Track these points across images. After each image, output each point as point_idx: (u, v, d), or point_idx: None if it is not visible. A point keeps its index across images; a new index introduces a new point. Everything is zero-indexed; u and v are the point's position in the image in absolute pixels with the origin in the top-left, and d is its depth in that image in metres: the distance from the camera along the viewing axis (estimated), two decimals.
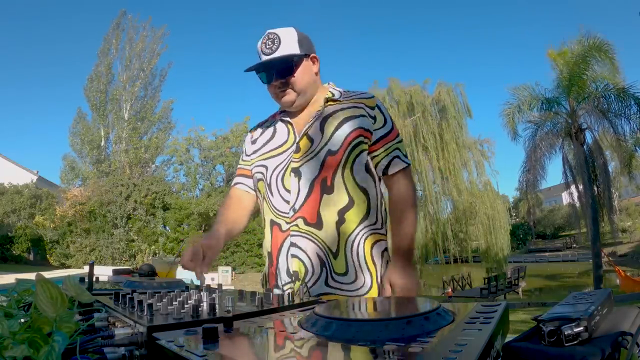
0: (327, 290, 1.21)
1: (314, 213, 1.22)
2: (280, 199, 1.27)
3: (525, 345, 0.70)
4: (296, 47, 1.27)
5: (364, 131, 1.25)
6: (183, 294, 0.84)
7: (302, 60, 1.29)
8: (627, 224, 32.74)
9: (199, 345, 0.50)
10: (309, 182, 1.23)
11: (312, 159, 1.24)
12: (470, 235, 18.80)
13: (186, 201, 22.14)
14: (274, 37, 1.26)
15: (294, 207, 1.24)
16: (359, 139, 1.24)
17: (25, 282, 0.80)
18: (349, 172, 1.23)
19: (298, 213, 1.23)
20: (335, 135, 1.24)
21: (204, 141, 23.57)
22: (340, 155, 1.22)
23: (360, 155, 1.25)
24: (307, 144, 1.26)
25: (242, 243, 21.43)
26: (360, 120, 1.26)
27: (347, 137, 1.24)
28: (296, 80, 1.28)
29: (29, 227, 20.79)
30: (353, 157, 1.24)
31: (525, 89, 14.49)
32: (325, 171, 1.22)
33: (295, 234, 1.23)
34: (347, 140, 1.24)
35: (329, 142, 1.24)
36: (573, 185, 15.20)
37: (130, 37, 26.35)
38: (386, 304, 0.75)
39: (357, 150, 1.24)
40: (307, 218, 1.22)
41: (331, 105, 1.31)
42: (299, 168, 1.25)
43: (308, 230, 1.22)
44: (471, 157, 18.19)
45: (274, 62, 1.26)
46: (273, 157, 1.32)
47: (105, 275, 1.71)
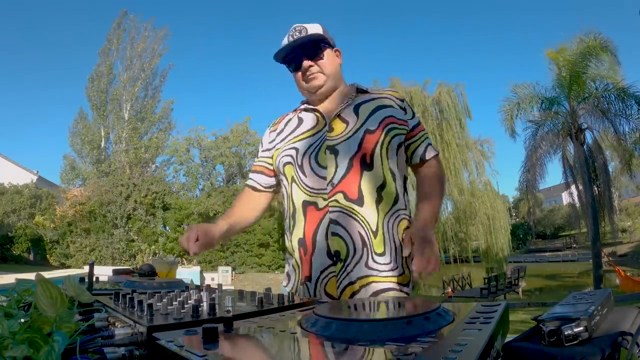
0: (367, 273, 1.18)
1: (355, 188, 1.19)
2: (315, 177, 1.23)
3: (525, 345, 0.70)
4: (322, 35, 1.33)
5: (397, 119, 1.30)
6: (183, 294, 0.84)
7: (329, 47, 1.34)
8: (627, 224, 32.76)
9: (199, 345, 0.50)
10: (348, 158, 1.21)
11: (349, 137, 1.24)
12: (470, 235, 18.81)
13: (186, 201, 22.14)
14: (300, 28, 1.31)
15: (332, 182, 1.21)
16: (393, 125, 1.28)
17: (25, 282, 0.80)
18: (386, 151, 1.25)
19: (337, 187, 1.20)
20: (371, 117, 1.27)
21: (204, 141, 23.59)
22: (379, 134, 1.24)
23: (394, 138, 1.28)
24: (342, 125, 1.27)
25: (242, 243, 21.43)
26: (392, 110, 1.31)
27: (383, 119, 1.27)
28: (325, 63, 1.32)
29: (29, 227, 20.79)
30: (390, 138, 1.26)
31: (526, 87, 14.51)
32: (364, 149, 1.22)
33: (335, 209, 1.19)
34: (384, 122, 1.27)
35: (366, 122, 1.26)
36: (573, 185, 15.20)
37: (131, 37, 26.38)
38: (386, 304, 0.75)
39: (393, 132, 1.27)
40: (348, 193, 1.19)
41: (361, 96, 1.35)
42: (335, 146, 1.23)
43: (349, 207, 1.19)
44: (471, 157, 18.19)
45: (303, 44, 1.29)
46: (303, 139, 1.30)
47: (105, 275, 1.71)
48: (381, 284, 1.18)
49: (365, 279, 1.17)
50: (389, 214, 1.22)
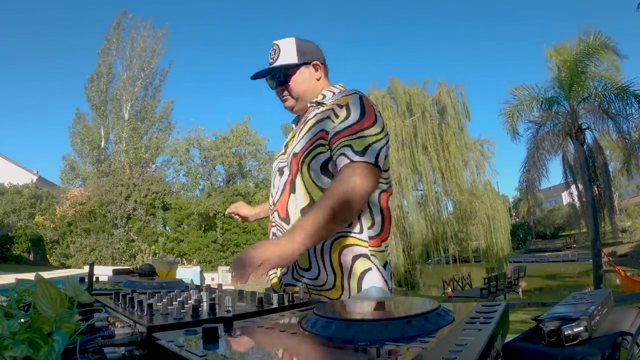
0: (293, 282, 1.29)
1: (284, 209, 1.32)
2: (270, 194, 1.43)
3: (525, 345, 0.70)
4: (294, 56, 1.38)
5: (325, 133, 1.25)
6: (183, 294, 0.84)
7: (299, 68, 1.39)
8: (627, 224, 32.76)
9: (199, 345, 0.50)
10: (284, 181, 1.35)
11: (287, 160, 1.35)
12: (470, 235, 18.81)
13: (186, 201, 22.12)
14: (275, 47, 1.40)
15: (274, 201, 1.38)
16: (318, 141, 1.26)
17: (25, 282, 0.80)
18: (307, 173, 1.26)
19: (275, 206, 1.36)
20: (302, 139, 1.31)
21: (204, 141, 23.55)
22: (299, 157, 1.28)
23: (318, 156, 1.25)
24: (289, 146, 1.38)
25: (242, 243, 21.42)
26: (326, 122, 1.27)
27: (310, 139, 1.27)
28: (292, 87, 1.40)
29: (29, 227, 20.77)
30: (310, 159, 1.26)
31: (525, 89, 14.51)
32: (292, 172, 1.31)
33: (274, 224, 1.37)
34: (309, 143, 1.27)
35: (296, 145, 1.32)
36: (573, 185, 15.20)
37: (131, 37, 26.35)
38: (386, 304, 0.75)
39: (314, 152, 1.26)
40: (280, 212, 1.34)
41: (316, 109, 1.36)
42: (282, 168, 1.38)
43: (280, 224, 1.33)
44: (471, 157, 18.20)
45: (273, 71, 1.40)
46: (276, 158, 1.47)
47: (105, 275, 1.71)
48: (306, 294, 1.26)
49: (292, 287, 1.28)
50: None
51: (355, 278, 1.21)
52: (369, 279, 1.21)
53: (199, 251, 20.96)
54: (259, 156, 23.91)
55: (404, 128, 16.91)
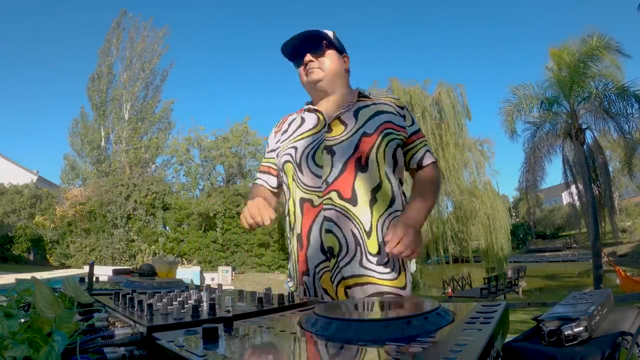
0: (361, 272, 1.19)
1: (349, 188, 1.21)
2: (311, 175, 1.26)
3: (525, 345, 0.70)
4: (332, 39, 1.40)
5: (396, 125, 1.33)
6: (183, 294, 0.84)
7: (335, 49, 1.40)
8: (627, 224, 32.74)
9: (199, 345, 0.50)
10: (344, 159, 1.24)
11: (347, 139, 1.27)
12: (470, 235, 18.80)
13: (186, 201, 22.11)
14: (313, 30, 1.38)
15: (326, 180, 1.23)
16: (390, 130, 1.31)
17: (25, 282, 0.80)
18: (382, 155, 1.27)
19: (332, 186, 1.22)
20: (370, 121, 1.30)
21: (204, 141, 23.53)
22: (375, 137, 1.27)
23: (391, 143, 1.30)
24: (341, 127, 1.30)
25: (242, 243, 21.42)
26: (391, 116, 1.34)
27: (381, 124, 1.30)
28: (325, 60, 1.37)
29: (29, 227, 20.76)
30: (387, 142, 1.28)
31: (525, 88, 14.49)
32: (360, 151, 1.25)
33: (329, 207, 1.21)
34: (382, 127, 1.30)
35: (364, 126, 1.29)
36: (573, 185, 15.19)
37: (131, 37, 26.31)
38: (386, 304, 0.75)
39: (389, 137, 1.29)
40: (342, 192, 1.21)
41: (363, 101, 1.38)
42: (332, 146, 1.27)
43: (342, 205, 1.21)
44: (471, 157, 18.20)
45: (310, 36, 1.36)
46: (303, 138, 1.33)
47: (105, 275, 1.71)
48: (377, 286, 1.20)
49: (360, 277, 1.19)
50: (384, 215, 1.23)
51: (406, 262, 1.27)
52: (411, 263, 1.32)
53: (199, 251, 20.95)
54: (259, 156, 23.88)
55: None
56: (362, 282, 1.19)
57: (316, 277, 1.23)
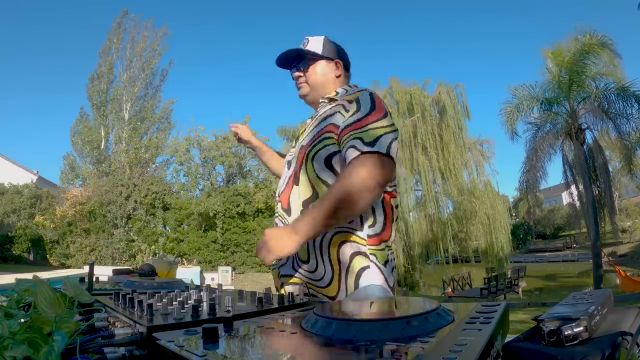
0: (293, 273, 1.29)
1: (286, 200, 1.34)
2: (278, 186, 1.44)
3: (525, 345, 0.70)
4: (319, 49, 1.43)
5: (334, 127, 1.26)
6: (183, 294, 0.84)
7: (321, 60, 1.44)
8: (627, 224, 32.73)
9: (199, 345, 0.50)
10: (289, 173, 1.36)
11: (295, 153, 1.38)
12: (470, 235, 18.80)
13: (186, 201, 22.11)
14: (305, 40, 1.46)
15: (279, 192, 1.39)
16: (325, 134, 1.27)
17: (25, 282, 0.80)
18: (310, 166, 1.27)
19: (279, 198, 1.38)
20: (311, 132, 1.34)
21: (204, 141, 23.53)
22: (305, 149, 1.30)
23: (323, 149, 1.25)
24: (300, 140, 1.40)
25: (242, 243, 21.44)
26: (336, 116, 1.28)
27: (318, 132, 1.30)
28: (309, 75, 1.44)
29: (29, 227, 20.76)
30: (315, 152, 1.27)
31: (525, 89, 14.50)
32: (297, 164, 1.33)
33: (277, 215, 1.39)
34: (317, 135, 1.30)
35: (305, 138, 1.36)
36: (573, 185, 15.19)
37: (131, 37, 26.31)
38: (386, 304, 0.75)
39: (320, 145, 1.27)
40: (283, 203, 1.35)
41: (328, 105, 1.38)
42: (290, 160, 1.39)
43: (282, 215, 1.35)
44: (471, 157, 18.19)
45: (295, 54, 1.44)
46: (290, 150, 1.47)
47: (105, 275, 1.71)
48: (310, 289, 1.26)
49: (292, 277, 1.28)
50: None
51: (352, 275, 1.19)
52: (366, 277, 1.19)
53: (199, 251, 20.96)
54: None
55: (403, 128, 16.89)
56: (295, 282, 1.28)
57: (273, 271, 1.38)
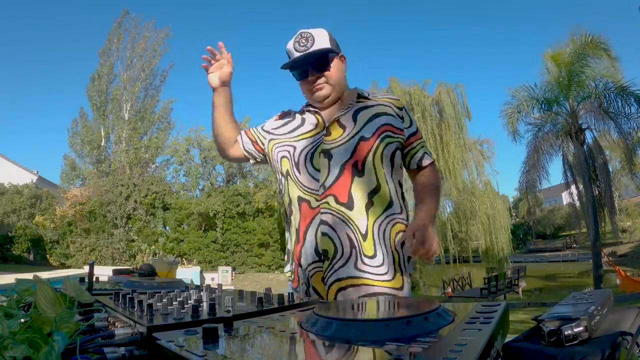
0: (356, 274, 1.21)
1: (346, 193, 1.23)
2: (309, 177, 1.28)
3: (525, 345, 0.70)
4: (328, 45, 1.35)
5: (393, 127, 1.33)
6: (183, 294, 0.84)
7: (336, 57, 1.37)
8: (627, 224, 32.73)
9: (199, 345, 0.50)
10: (340, 163, 1.26)
11: (344, 143, 1.28)
12: (470, 235, 18.80)
13: (186, 201, 22.12)
14: (307, 35, 1.34)
15: (324, 184, 1.25)
16: (388, 132, 1.31)
17: (25, 282, 0.80)
18: (379, 158, 1.28)
19: (329, 191, 1.24)
20: (368, 125, 1.30)
21: (204, 141, 23.53)
22: (373, 141, 1.27)
23: (388, 146, 1.30)
24: (339, 130, 1.31)
25: (242, 243, 21.43)
26: (390, 118, 1.34)
27: (379, 127, 1.30)
28: (332, 74, 1.35)
29: (29, 227, 20.77)
30: (384, 146, 1.29)
31: (525, 90, 14.51)
32: (357, 155, 1.26)
33: (326, 211, 1.23)
34: (380, 130, 1.30)
35: (363, 130, 1.29)
36: (573, 185, 15.17)
37: (132, 37, 26.30)
38: (386, 304, 0.75)
39: (386, 140, 1.30)
40: (339, 197, 1.23)
41: (362, 102, 1.38)
42: (329, 150, 1.28)
43: (339, 209, 1.23)
44: (471, 157, 18.20)
45: (311, 56, 1.32)
46: (302, 139, 1.34)
47: (105, 275, 1.71)
48: (372, 287, 1.21)
49: (354, 279, 1.21)
50: (380, 217, 1.25)
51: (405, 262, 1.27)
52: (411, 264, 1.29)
53: (199, 251, 20.96)
54: None
55: None
56: (356, 284, 1.21)
57: (309, 273, 1.26)
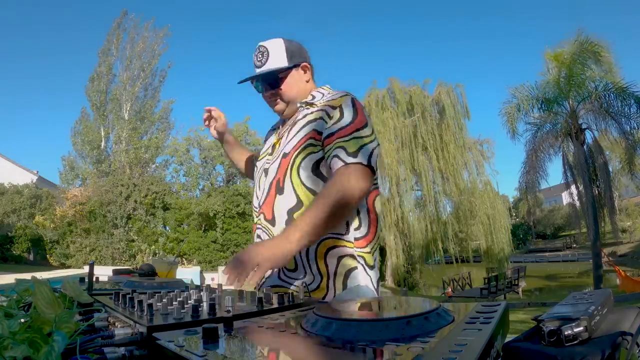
0: (279, 283, 1.28)
1: (270, 211, 1.30)
2: (255, 195, 1.41)
3: (525, 345, 0.70)
4: (284, 59, 1.35)
5: (317, 133, 1.26)
6: (183, 294, 0.84)
7: (290, 71, 1.36)
8: (627, 224, 32.74)
9: (199, 345, 0.50)
10: (269, 182, 1.32)
11: (275, 161, 1.33)
12: (470, 235, 18.82)
13: (186, 201, 22.11)
14: (263, 50, 1.35)
15: (259, 202, 1.36)
16: (309, 141, 1.26)
17: (25, 282, 0.80)
18: (296, 173, 1.26)
19: (261, 209, 1.34)
20: (292, 139, 1.30)
21: (204, 141, 23.53)
22: (290, 157, 1.28)
23: (308, 157, 1.25)
24: (277, 147, 1.37)
25: (242, 243, 21.42)
26: (318, 123, 1.27)
27: (300, 139, 1.28)
28: (284, 91, 1.37)
29: (29, 227, 20.76)
30: (300, 159, 1.26)
31: (525, 89, 14.52)
32: (279, 173, 1.29)
33: (259, 227, 1.35)
34: (300, 143, 1.27)
35: (286, 145, 1.31)
36: (573, 185, 15.19)
37: (131, 38, 26.29)
38: (386, 304, 0.75)
39: (304, 152, 1.26)
40: (266, 214, 1.32)
41: (306, 109, 1.35)
42: (268, 168, 1.35)
43: (266, 226, 1.32)
44: (471, 157, 18.23)
45: (263, 75, 1.36)
46: (261, 159, 1.45)
47: (105, 275, 1.71)
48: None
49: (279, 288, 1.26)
50: None
51: (340, 277, 1.22)
52: (354, 278, 1.22)
53: (199, 251, 20.95)
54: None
55: (403, 128, 16.92)
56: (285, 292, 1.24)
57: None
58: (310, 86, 1.42)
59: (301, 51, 1.40)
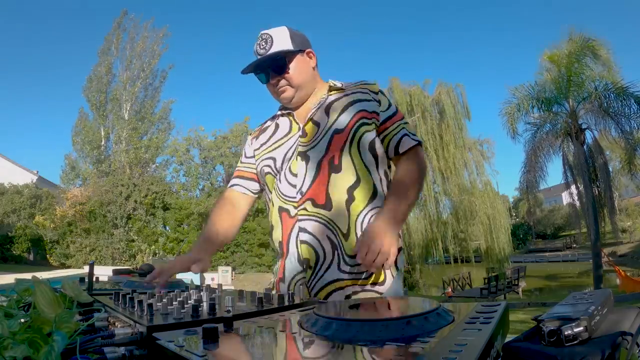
0: (340, 276, 1.17)
1: (323, 193, 1.20)
2: (287, 184, 1.25)
3: (525, 345, 0.70)
4: (289, 44, 1.29)
5: (369, 113, 1.27)
6: (183, 294, 0.84)
7: (296, 55, 1.31)
8: (627, 224, 32.73)
9: (199, 345, 0.50)
10: (317, 163, 1.22)
11: (319, 141, 1.24)
12: (470, 235, 18.81)
13: (186, 201, 22.11)
14: (266, 37, 1.29)
15: (300, 190, 1.22)
16: (363, 120, 1.25)
17: (25, 282, 0.80)
18: (356, 150, 1.23)
19: (306, 195, 1.21)
20: (341, 117, 1.26)
21: (203, 141, 23.53)
22: (347, 133, 1.23)
23: (365, 135, 1.24)
24: (314, 128, 1.27)
25: (242, 243, 21.41)
26: (365, 103, 1.28)
27: (353, 117, 1.25)
28: (292, 75, 1.30)
29: (29, 227, 20.75)
30: (359, 136, 1.23)
31: (525, 89, 14.52)
32: (333, 150, 1.22)
33: (303, 217, 1.20)
34: (353, 119, 1.25)
35: (336, 123, 1.25)
36: (573, 185, 15.19)
37: (131, 37, 26.29)
38: (386, 304, 0.75)
39: (362, 130, 1.24)
40: (316, 199, 1.20)
41: (334, 94, 1.33)
42: (306, 152, 1.25)
43: (316, 212, 1.19)
44: (471, 157, 18.22)
45: (268, 60, 1.28)
46: (279, 147, 1.32)
47: (105, 275, 1.71)
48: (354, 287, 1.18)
49: (339, 282, 1.17)
50: (363, 212, 1.21)
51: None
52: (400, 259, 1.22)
53: None
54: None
55: None
56: (341, 287, 1.18)
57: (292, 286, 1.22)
58: (316, 74, 1.38)
59: (305, 39, 1.36)
